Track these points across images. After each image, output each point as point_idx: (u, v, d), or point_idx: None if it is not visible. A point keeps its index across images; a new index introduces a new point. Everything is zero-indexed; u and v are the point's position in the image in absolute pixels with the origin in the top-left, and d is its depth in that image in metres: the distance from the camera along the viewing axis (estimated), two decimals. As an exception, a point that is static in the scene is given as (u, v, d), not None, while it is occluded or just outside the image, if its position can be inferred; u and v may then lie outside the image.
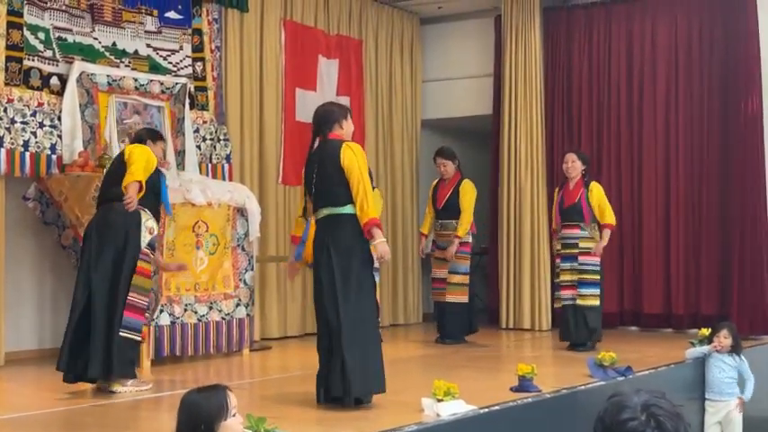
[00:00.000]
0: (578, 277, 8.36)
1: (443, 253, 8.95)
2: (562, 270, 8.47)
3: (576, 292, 8.35)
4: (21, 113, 7.28)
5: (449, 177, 9.08)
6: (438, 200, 9.08)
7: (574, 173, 8.51)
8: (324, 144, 5.61)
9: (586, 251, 8.37)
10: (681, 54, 10.20)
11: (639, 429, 2.02)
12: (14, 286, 7.49)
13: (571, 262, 8.41)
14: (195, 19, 8.74)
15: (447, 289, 8.91)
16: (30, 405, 5.73)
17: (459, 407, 5.02)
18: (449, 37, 11.73)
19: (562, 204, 8.51)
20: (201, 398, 3.13)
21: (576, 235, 8.42)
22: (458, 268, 8.95)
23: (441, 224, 9.05)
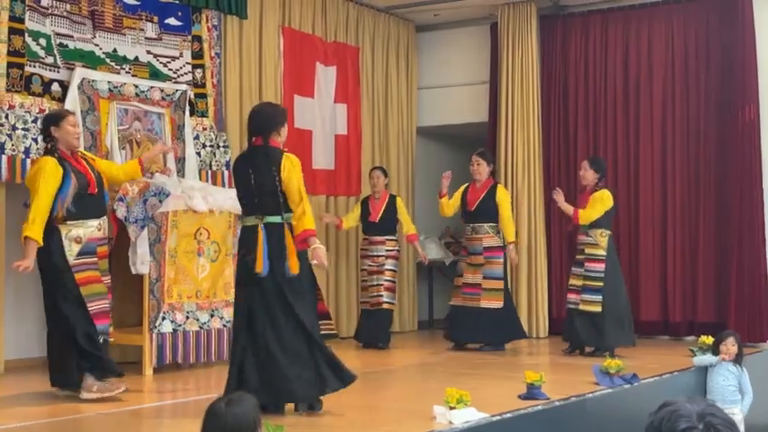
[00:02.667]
0: (583, 283, 8.38)
1: (511, 260, 8.99)
2: (572, 274, 8.54)
3: (579, 297, 8.38)
4: (22, 120, 7.23)
5: (480, 179, 9.04)
6: (469, 202, 9.02)
7: (585, 181, 8.53)
8: (265, 150, 5.49)
9: (592, 257, 8.40)
10: (677, 61, 10.24)
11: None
12: (15, 294, 7.43)
13: (579, 267, 8.48)
14: (195, 26, 8.72)
15: (482, 294, 8.89)
16: (31, 414, 5.68)
17: (471, 414, 5.01)
18: (445, 44, 11.74)
19: None
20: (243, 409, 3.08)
21: (583, 241, 8.50)
22: (493, 273, 8.93)
23: (472, 228, 9.02)
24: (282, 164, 5.42)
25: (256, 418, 3.11)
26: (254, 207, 5.48)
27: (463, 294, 9.03)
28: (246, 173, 5.48)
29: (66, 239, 6.01)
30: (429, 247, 11.60)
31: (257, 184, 5.42)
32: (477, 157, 9.07)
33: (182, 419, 5.57)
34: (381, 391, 6.91)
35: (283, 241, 5.38)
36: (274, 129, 5.53)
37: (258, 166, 5.43)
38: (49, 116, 6.26)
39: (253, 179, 5.44)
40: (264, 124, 5.54)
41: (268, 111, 5.68)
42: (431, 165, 12.08)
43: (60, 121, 6.07)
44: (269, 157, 5.45)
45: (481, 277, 8.91)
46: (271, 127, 5.53)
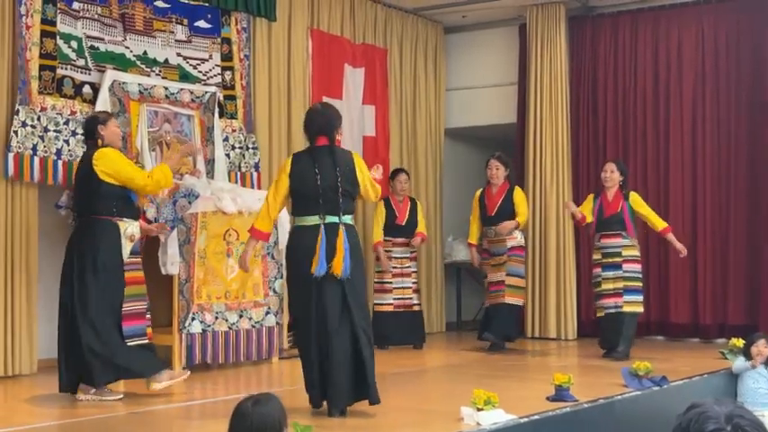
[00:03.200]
0: (623, 285, 8.33)
1: (501, 228, 8.93)
2: (604, 279, 8.41)
3: (621, 299, 8.32)
4: (54, 122, 7.31)
5: (497, 183, 9.06)
6: (489, 207, 9.05)
7: (611, 182, 8.50)
8: (331, 149, 5.49)
9: (630, 258, 8.36)
10: (708, 62, 10.18)
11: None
12: (47, 294, 7.50)
13: (614, 270, 8.37)
14: (224, 28, 8.77)
15: (505, 291, 8.91)
16: (63, 413, 5.75)
17: (499, 416, 5.00)
18: (473, 46, 11.73)
19: (602, 214, 8.48)
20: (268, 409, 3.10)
21: (619, 243, 8.40)
22: (516, 271, 8.98)
23: (494, 231, 9.01)
24: (357, 164, 5.48)
25: (282, 418, 3.14)
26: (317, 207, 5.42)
27: (489, 293, 9.07)
28: (312, 172, 5.42)
29: (123, 237, 6.10)
30: (457, 248, 11.59)
31: (327, 183, 5.39)
32: (496, 162, 9.08)
33: (210, 419, 5.60)
34: (409, 392, 6.90)
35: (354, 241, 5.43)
36: (335, 129, 5.56)
37: (335, 166, 5.40)
38: (95, 117, 6.38)
39: (319, 179, 5.40)
40: (328, 124, 5.54)
41: (329, 112, 5.67)
42: (459, 166, 12.08)
43: (107, 121, 6.24)
44: (341, 157, 5.48)
45: (504, 274, 8.93)
46: (334, 126, 5.56)
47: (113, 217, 6.07)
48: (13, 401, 6.58)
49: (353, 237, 5.47)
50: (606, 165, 8.70)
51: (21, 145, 7.07)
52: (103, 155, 6.05)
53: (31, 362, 7.29)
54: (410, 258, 9.56)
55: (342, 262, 5.31)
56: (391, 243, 9.45)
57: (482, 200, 9.15)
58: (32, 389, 6.74)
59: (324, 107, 5.84)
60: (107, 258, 6.03)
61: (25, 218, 7.26)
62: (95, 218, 6.05)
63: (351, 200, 5.51)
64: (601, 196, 8.58)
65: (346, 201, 5.44)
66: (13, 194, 7.18)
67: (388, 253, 9.44)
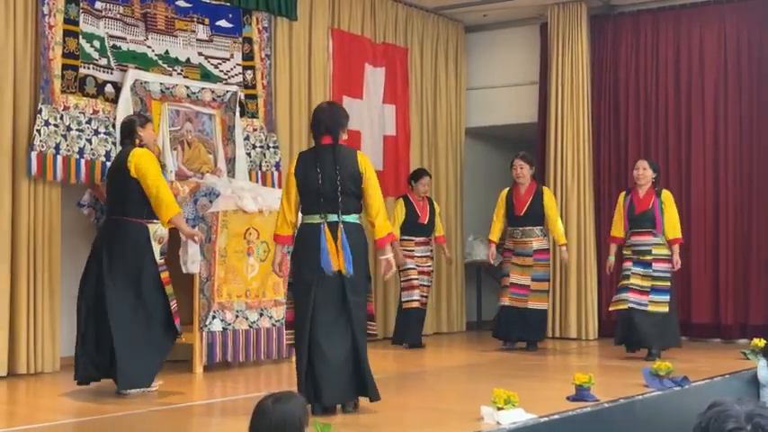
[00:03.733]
0: (651, 284, 8.28)
1: (563, 257, 9.12)
2: (633, 274, 8.33)
3: (647, 298, 8.28)
4: (76, 121, 7.37)
5: (524, 182, 9.04)
6: (517, 207, 9.02)
7: (644, 180, 8.44)
8: (333, 148, 5.46)
9: (660, 257, 8.31)
10: (730, 61, 10.12)
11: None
12: (70, 292, 7.53)
13: (644, 268, 8.31)
14: (245, 27, 8.80)
15: (530, 296, 8.91)
16: (85, 410, 5.78)
17: (519, 415, 5.00)
18: (494, 45, 11.72)
19: (632, 211, 8.43)
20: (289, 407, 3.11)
21: (650, 242, 8.34)
22: (541, 275, 8.98)
23: (522, 231, 9.00)
24: (360, 161, 5.45)
25: (302, 416, 3.15)
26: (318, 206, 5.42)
27: (511, 294, 9.02)
28: (315, 171, 5.42)
29: (152, 239, 6.16)
30: (477, 247, 11.59)
31: (328, 182, 5.38)
32: (520, 161, 9.05)
33: (231, 417, 5.62)
34: (428, 391, 6.91)
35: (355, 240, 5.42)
36: (341, 128, 5.52)
37: (335, 164, 5.38)
38: (134, 119, 6.44)
39: (320, 178, 5.40)
40: (332, 122, 5.50)
41: (335, 110, 5.65)
42: (479, 166, 12.07)
43: (146, 125, 6.35)
44: (343, 155, 5.44)
45: (530, 279, 8.92)
46: (340, 125, 5.52)
47: (143, 219, 6.11)
48: (35, 399, 6.64)
49: (355, 236, 5.41)
50: (638, 162, 8.63)
51: (43, 144, 7.12)
52: (139, 153, 6.09)
53: (53, 359, 7.34)
54: (430, 257, 9.59)
55: (343, 261, 5.32)
56: (414, 242, 9.42)
57: (509, 199, 9.11)
58: (55, 386, 6.78)
59: (330, 106, 5.81)
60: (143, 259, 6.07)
61: (48, 216, 7.31)
62: (126, 220, 6.08)
63: (354, 199, 5.45)
64: (632, 193, 8.52)
65: (347, 200, 5.40)
66: (36, 193, 7.23)
67: (410, 252, 9.41)
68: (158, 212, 6.02)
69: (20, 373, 7.09)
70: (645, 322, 8.25)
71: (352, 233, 5.41)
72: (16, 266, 7.12)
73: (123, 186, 6.06)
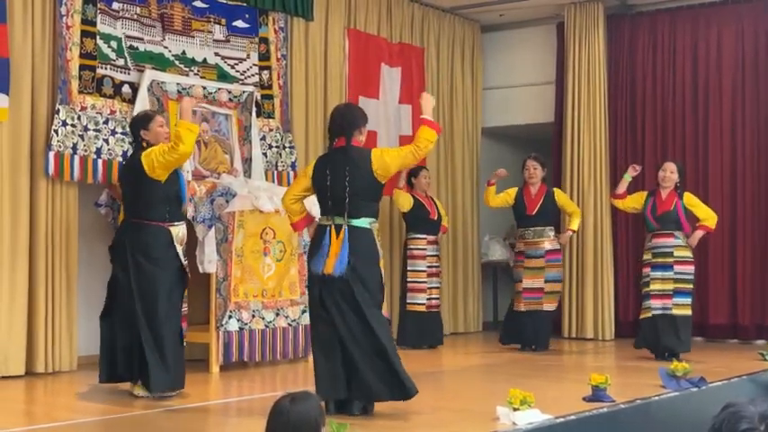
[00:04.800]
0: (674, 287, 8.23)
1: (562, 238, 9.04)
2: (653, 279, 8.30)
3: (670, 301, 8.24)
4: (93, 121, 7.40)
5: (535, 183, 9.03)
6: (528, 206, 9.01)
7: (669, 183, 8.41)
8: (345, 150, 5.46)
9: (683, 260, 8.28)
10: (747, 62, 10.08)
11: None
12: (87, 292, 7.60)
13: (664, 271, 8.27)
14: (262, 28, 8.82)
15: (543, 297, 8.90)
16: (103, 409, 5.80)
17: (535, 416, 4.99)
18: (510, 44, 11.70)
19: (655, 212, 8.40)
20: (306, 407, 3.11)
21: (671, 243, 8.30)
22: (554, 276, 8.97)
23: (533, 232, 8.99)
24: (373, 158, 5.42)
25: (319, 417, 3.15)
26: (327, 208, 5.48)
27: (525, 299, 8.99)
28: (324, 173, 5.46)
29: (175, 241, 6.12)
30: (493, 247, 11.58)
31: (336, 185, 5.40)
32: (533, 162, 9.06)
33: (247, 417, 5.64)
34: (444, 391, 6.92)
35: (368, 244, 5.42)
36: (356, 129, 5.51)
37: (346, 167, 5.38)
38: (137, 120, 6.31)
39: (329, 180, 5.43)
40: (347, 124, 5.50)
41: (351, 111, 5.66)
42: (496, 165, 11.94)
43: (149, 123, 6.15)
44: (354, 157, 5.42)
45: (543, 281, 8.90)
46: (354, 126, 5.50)
47: (165, 222, 6.07)
48: (53, 397, 6.68)
49: (363, 241, 5.39)
50: (666, 164, 8.57)
51: (61, 144, 7.16)
52: (147, 152, 6.00)
53: (71, 359, 7.38)
54: (439, 257, 9.57)
55: (334, 261, 5.30)
56: (426, 241, 9.39)
57: (520, 198, 9.10)
58: (72, 385, 6.82)
59: (347, 108, 5.82)
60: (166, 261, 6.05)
61: (65, 216, 7.34)
62: (148, 223, 6.03)
63: (367, 202, 5.44)
64: (655, 195, 8.49)
65: (357, 203, 5.38)
66: (54, 193, 7.27)
67: (422, 251, 9.38)
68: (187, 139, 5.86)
69: (38, 372, 7.13)
70: (671, 328, 8.20)
71: (359, 238, 5.38)
72: (34, 266, 7.16)
73: (142, 189, 6.00)
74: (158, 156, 5.91)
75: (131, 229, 6.08)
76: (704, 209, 8.50)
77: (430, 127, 5.41)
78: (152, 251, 6.02)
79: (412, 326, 9.25)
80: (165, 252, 6.07)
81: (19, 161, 7.07)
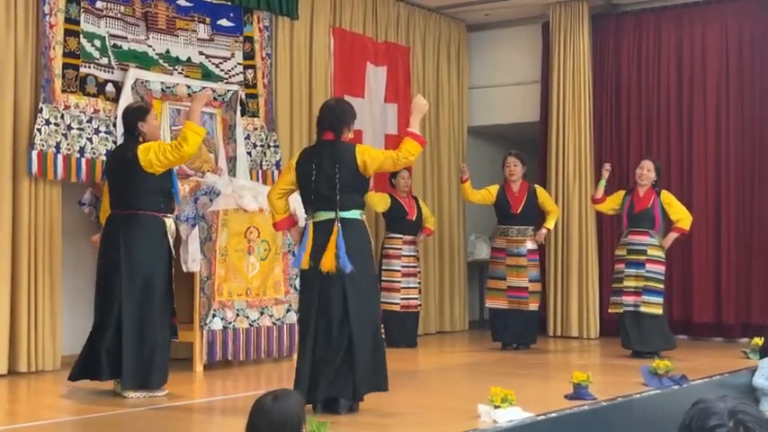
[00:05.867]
0: (644, 284, 8.29)
1: (538, 236, 9.00)
2: (627, 276, 8.37)
3: (640, 298, 8.29)
4: (77, 120, 7.38)
5: (515, 180, 9.04)
6: (513, 205, 9.01)
7: (646, 180, 8.46)
8: (334, 144, 5.45)
9: (654, 259, 8.32)
10: (732, 61, 10.11)
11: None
12: (71, 291, 7.59)
13: (637, 268, 8.33)
14: (246, 27, 8.81)
15: (530, 297, 8.92)
16: (86, 408, 5.80)
17: (516, 414, 5.01)
18: (496, 44, 11.72)
19: (632, 210, 8.45)
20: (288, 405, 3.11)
21: (645, 242, 8.36)
22: (535, 276, 9.01)
23: (517, 230, 9.00)
24: (357, 153, 5.41)
25: (301, 414, 3.15)
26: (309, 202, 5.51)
27: (510, 298, 9.00)
28: (309, 168, 5.45)
29: (168, 233, 6.14)
30: (480, 247, 11.59)
31: (324, 179, 5.39)
32: (514, 159, 9.06)
33: (231, 416, 5.63)
34: (428, 390, 6.93)
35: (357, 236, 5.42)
36: (345, 125, 5.50)
37: (332, 162, 5.37)
38: (135, 111, 6.26)
39: (314, 174, 5.42)
40: (336, 118, 5.50)
41: (341, 106, 5.65)
42: (482, 164, 12.03)
43: (146, 115, 6.16)
44: (340, 152, 5.41)
45: (527, 280, 8.92)
46: (344, 122, 5.50)
47: (159, 212, 6.08)
48: (36, 397, 6.67)
49: (355, 232, 5.40)
50: (644, 162, 8.63)
51: (44, 143, 7.14)
52: (145, 147, 5.97)
53: (54, 358, 7.36)
54: (416, 257, 9.56)
55: (333, 258, 5.30)
56: (401, 241, 9.39)
57: (503, 196, 9.10)
58: (55, 384, 6.81)
59: (337, 102, 5.83)
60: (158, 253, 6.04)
61: (49, 215, 7.32)
62: (142, 213, 6.01)
63: (355, 195, 5.44)
64: (632, 193, 8.54)
65: (346, 196, 5.38)
66: (37, 192, 7.25)
67: (397, 250, 9.38)
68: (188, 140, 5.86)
69: (21, 371, 7.11)
70: (640, 324, 8.26)
71: (352, 229, 5.39)
72: (17, 265, 7.14)
73: (137, 180, 5.97)
74: (159, 153, 5.90)
75: (123, 220, 6.04)
76: (679, 209, 8.53)
77: (415, 140, 5.39)
78: (146, 241, 6.01)
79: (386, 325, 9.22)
80: (160, 243, 6.08)
81: (2, 160, 7.04)
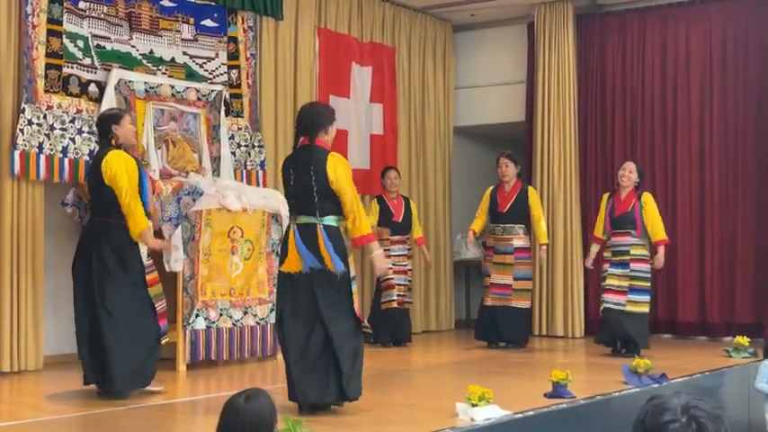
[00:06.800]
0: (629, 284, 8.32)
1: (541, 259, 9.05)
2: (610, 275, 8.39)
3: (625, 297, 8.31)
4: (60, 120, 7.39)
5: (509, 180, 9.07)
6: (501, 204, 9.04)
7: (628, 182, 8.47)
8: (309, 149, 5.47)
9: (639, 258, 8.35)
10: (715, 61, 10.16)
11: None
12: (54, 291, 7.58)
13: (622, 268, 8.36)
14: (231, 27, 8.82)
15: (513, 295, 8.93)
16: (69, 408, 5.80)
17: (493, 412, 5.03)
18: (481, 44, 11.75)
19: (613, 212, 8.47)
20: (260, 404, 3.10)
21: (628, 242, 8.38)
22: (522, 274, 9.00)
23: (503, 228, 9.02)
24: (329, 164, 5.40)
25: (273, 413, 3.16)
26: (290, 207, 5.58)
27: (492, 294, 9.04)
28: (289, 173, 5.50)
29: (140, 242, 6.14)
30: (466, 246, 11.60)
31: (300, 184, 5.42)
32: (505, 159, 9.09)
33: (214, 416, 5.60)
34: (410, 388, 6.95)
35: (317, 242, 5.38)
36: (320, 128, 5.51)
37: (307, 166, 5.40)
38: (109, 115, 6.29)
39: (292, 179, 5.46)
40: (310, 123, 5.51)
41: (315, 109, 5.68)
42: (468, 164, 12.09)
43: (121, 119, 6.18)
44: (315, 157, 5.42)
45: (512, 278, 8.94)
46: (318, 126, 5.50)
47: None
48: (18, 396, 6.66)
49: (333, 237, 5.40)
50: (626, 164, 8.64)
51: (27, 143, 7.14)
52: (111, 159, 5.98)
53: (36, 358, 7.35)
54: (407, 256, 9.58)
55: (331, 261, 5.34)
56: (389, 241, 9.43)
57: (494, 196, 9.14)
58: (38, 384, 6.82)
59: (312, 107, 5.84)
60: (129, 259, 6.05)
61: (31, 215, 7.33)
62: (111, 221, 6.02)
63: (329, 200, 5.41)
64: (614, 195, 8.57)
65: (323, 201, 5.39)
66: (20, 192, 7.25)
67: (386, 250, 9.39)
68: (128, 223, 5.93)
69: (3, 371, 7.11)
70: (623, 322, 8.29)
71: (332, 236, 5.40)
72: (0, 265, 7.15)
73: (104, 189, 6.00)
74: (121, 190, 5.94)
75: (96, 227, 6.10)
76: (653, 216, 8.45)
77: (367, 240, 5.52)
78: (116, 249, 6.02)
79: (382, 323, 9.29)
80: (130, 251, 6.09)
81: (-16, 160, 7.05)
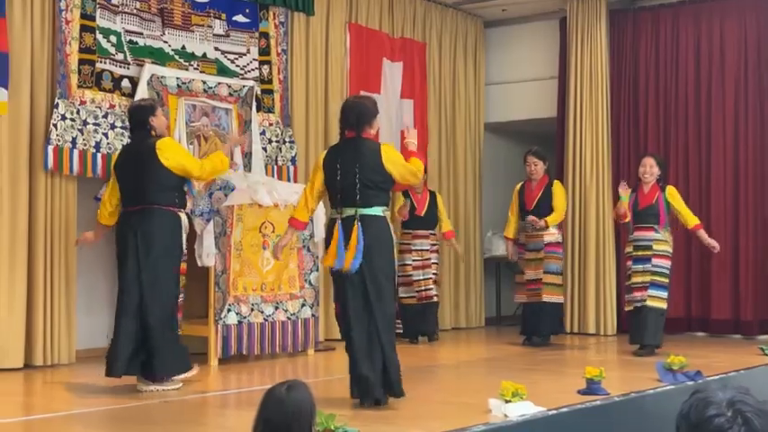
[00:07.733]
0: (650, 279, 8.27)
1: (536, 222, 8.90)
2: (634, 272, 8.35)
3: (646, 293, 8.26)
4: (93, 115, 7.42)
5: (537, 178, 9.03)
6: (527, 201, 9.00)
7: (650, 177, 8.42)
8: (356, 142, 5.51)
9: (661, 254, 8.29)
10: (750, 55, 10.04)
11: (726, 426, 1.98)
12: (86, 286, 7.63)
13: (644, 264, 8.31)
14: (262, 22, 8.83)
15: (543, 288, 8.89)
16: (100, 401, 5.82)
17: (527, 408, 5.00)
18: (513, 39, 11.69)
19: (636, 206, 8.41)
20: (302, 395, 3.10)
21: (651, 237, 8.32)
22: (552, 268, 8.96)
23: (530, 225, 8.97)
24: (384, 154, 5.46)
25: (313, 405, 3.15)
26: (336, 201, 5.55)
27: (528, 291, 9.01)
28: (335, 165, 5.51)
29: (183, 227, 6.19)
30: (496, 243, 11.56)
31: (347, 176, 5.44)
32: (533, 158, 9.04)
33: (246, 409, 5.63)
34: (441, 384, 6.93)
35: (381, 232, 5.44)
36: (367, 122, 5.55)
37: (356, 159, 5.43)
38: (145, 106, 6.34)
39: (339, 173, 5.47)
40: (357, 117, 5.54)
41: (362, 103, 5.70)
42: (498, 160, 12.04)
43: (156, 111, 6.26)
44: (365, 149, 5.47)
45: (542, 272, 8.90)
46: (366, 119, 5.55)
47: (175, 207, 6.13)
48: (51, 389, 6.70)
49: (376, 229, 5.42)
50: (645, 159, 8.58)
51: (60, 138, 7.18)
52: (167, 144, 6.10)
53: (69, 352, 7.40)
54: (431, 251, 9.51)
55: (351, 257, 5.34)
56: (410, 236, 9.39)
57: (521, 194, 9.12)
58: (71, 378, 6.84)
59: (356, 100, 5.89)
60: (173, 246, 6.10)
61: (64, 210, 7.37)
62: (158, 208, 6.04)
63: (375, 191, 5.46)
64: (638, 190, 8.51)
65: (368, 192, 5.42)
66: (53, 187, 7.29)
67: (407, 245, 9.38)
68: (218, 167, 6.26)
69: (36, 365, 7.16)
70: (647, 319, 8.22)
71: (372, 227, 5.42)
72: (33, 260, 7.19)
73: (153, 176, 6.02)
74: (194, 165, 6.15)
75: (139, 215, 6.07)
76: (681, 206, 8.46)
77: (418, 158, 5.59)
78: (162, 236, 6.04)
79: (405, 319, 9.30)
80: (177, 237, 6.14)
81: (18, 155, 7.09)
